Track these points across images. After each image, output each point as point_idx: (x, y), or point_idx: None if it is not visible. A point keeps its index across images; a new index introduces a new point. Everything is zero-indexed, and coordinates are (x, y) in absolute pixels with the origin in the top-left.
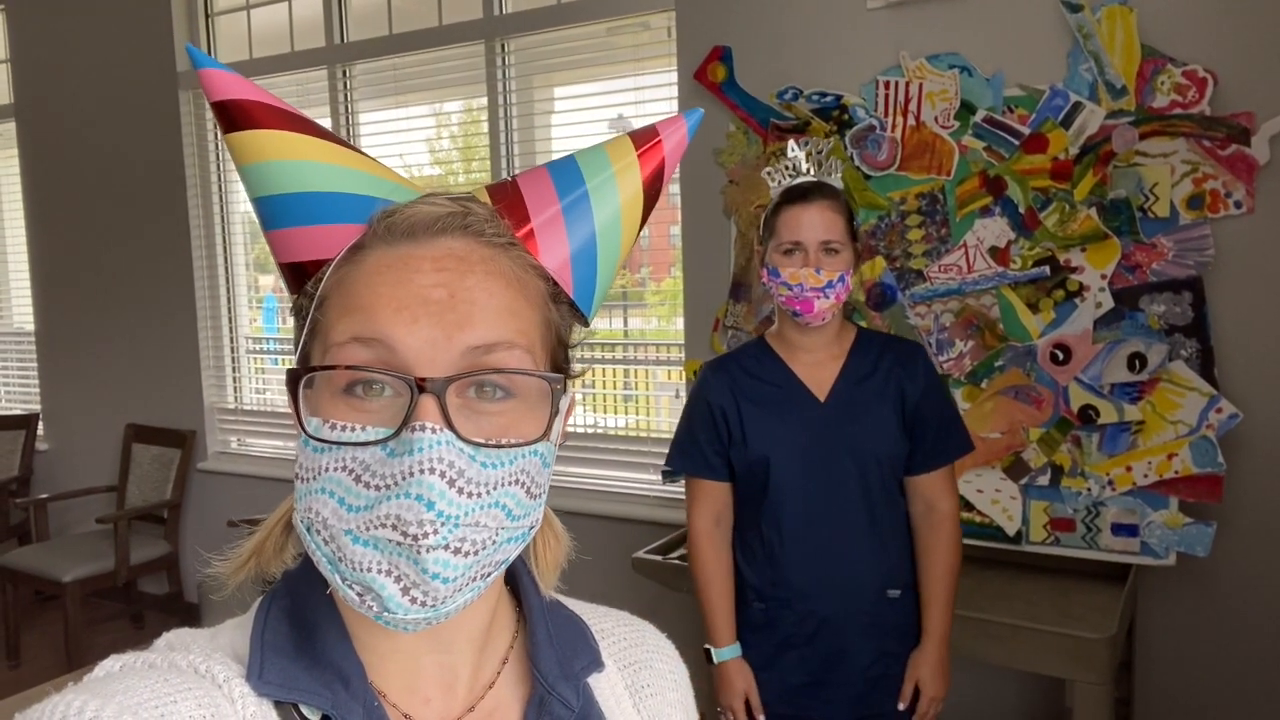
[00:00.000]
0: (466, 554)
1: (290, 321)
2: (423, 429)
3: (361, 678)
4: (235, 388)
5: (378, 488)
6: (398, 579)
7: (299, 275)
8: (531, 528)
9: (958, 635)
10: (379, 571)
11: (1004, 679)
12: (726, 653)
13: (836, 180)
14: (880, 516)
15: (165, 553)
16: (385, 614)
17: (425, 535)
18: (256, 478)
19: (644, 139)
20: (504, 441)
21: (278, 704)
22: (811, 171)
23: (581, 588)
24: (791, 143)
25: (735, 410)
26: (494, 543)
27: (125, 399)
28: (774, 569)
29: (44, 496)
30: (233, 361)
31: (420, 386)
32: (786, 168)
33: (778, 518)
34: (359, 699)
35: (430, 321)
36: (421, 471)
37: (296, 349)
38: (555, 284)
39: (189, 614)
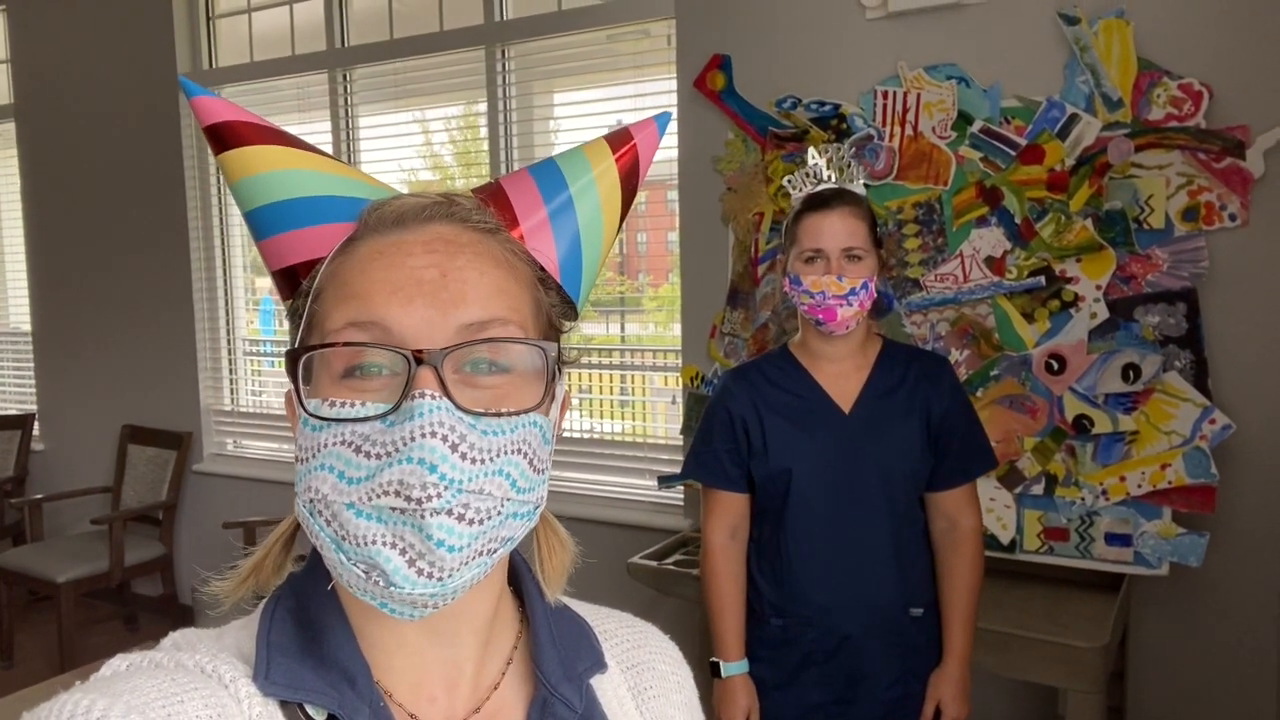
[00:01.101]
0: (471, 521)
1: (288, 325)
2: (421, 395)
3: (367, 677)
4: (232, 390)
5: (378, 456)
6: (403, 551)
7: (292, 279)
8: (536, 506)
9: None
10: (383, 544)
11: (997, 687)
12: (735, 668)
13: (859, 186)
14: (903, 533)
15: (160, 554)
16: (392, 589)
17: (429, 498)
18: (252, 480)
19: (619, 142)
20: (502, 410)
21: (284, 704)
22: (833, 178)
23: (575, 591)
24: (811, 150)
25: (757, 420)
26: (499, 513)
27: (121, 400)
28: (794, 585)
29: (39, 497)
30: (229, 363)
31: (418, 359)
32: (808, 175)
33: (798, 532)
34: (365, 699)
35: (424, 301)
36: (423, 435)
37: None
38: (542, 269)
39: (183, 616)
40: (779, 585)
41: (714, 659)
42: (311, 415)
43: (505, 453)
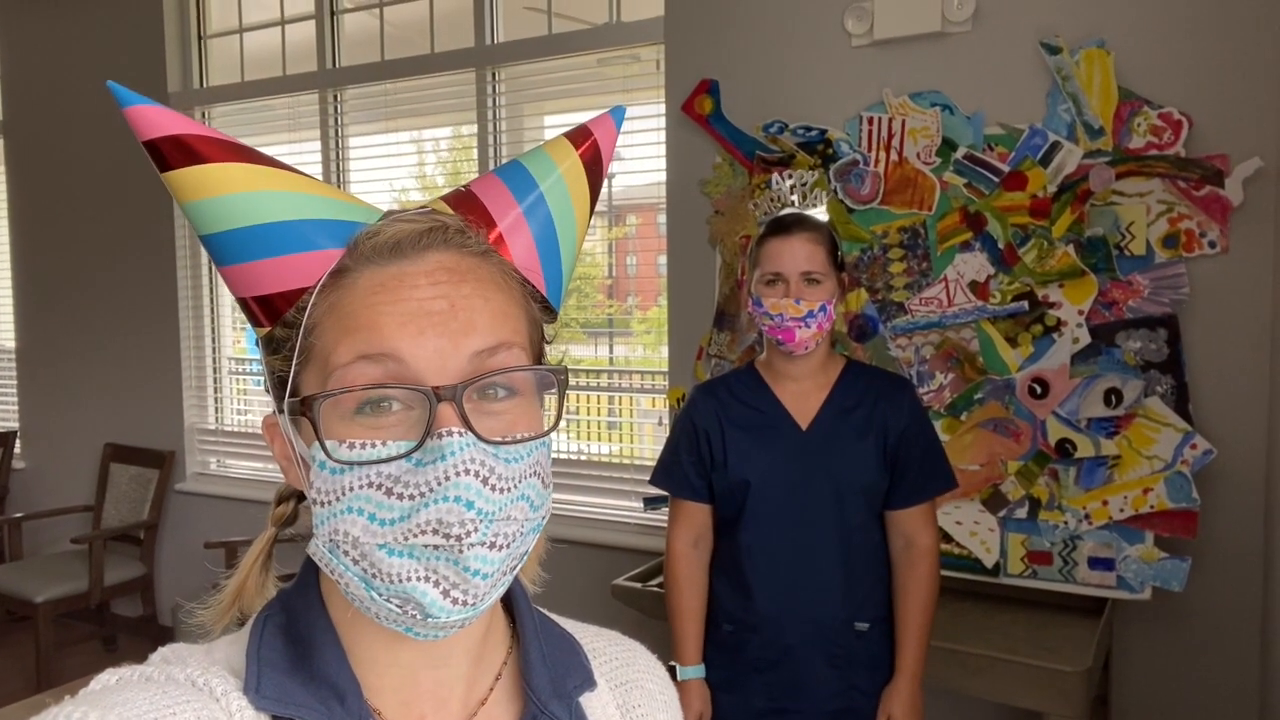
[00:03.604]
0: (501, 548)
1: (262, 352)
2: (449, 434)
3: (357, 695)
4: (216, 408)
5: (411, 497)
6: (436, 583)
7: (269, 307)
8: (545, 517)
9: (934, 667)
10: (418, 580)
11: (980, 711)
12: (690, 672)
13: (821, 212)
14: (854, 548)
15: (140, 574)
16: (428, 620)
17: (468, 534)
18: (235, 500)
19: (580, 138)
20: (520, 436)
21: (275, 718)
22: (796, 203)
23: (560, 613)
24: (775, 175)
25: (719, 433)
26: (521, 534)
27: (104, 418)
28: (743, 593)
29: (18, 515)
30: (214, 382)
31: (437, 395)
32: (773, 199)
33: (751, 543)
34: (354, 716)
35: (436, 332)
36: (457, 474)
37: (287, 382)
38: (529, 283)
39: (162, 637)
40: (730, 593)
41: (671, 662)
42: (331, 459)
43: (525, 477)
